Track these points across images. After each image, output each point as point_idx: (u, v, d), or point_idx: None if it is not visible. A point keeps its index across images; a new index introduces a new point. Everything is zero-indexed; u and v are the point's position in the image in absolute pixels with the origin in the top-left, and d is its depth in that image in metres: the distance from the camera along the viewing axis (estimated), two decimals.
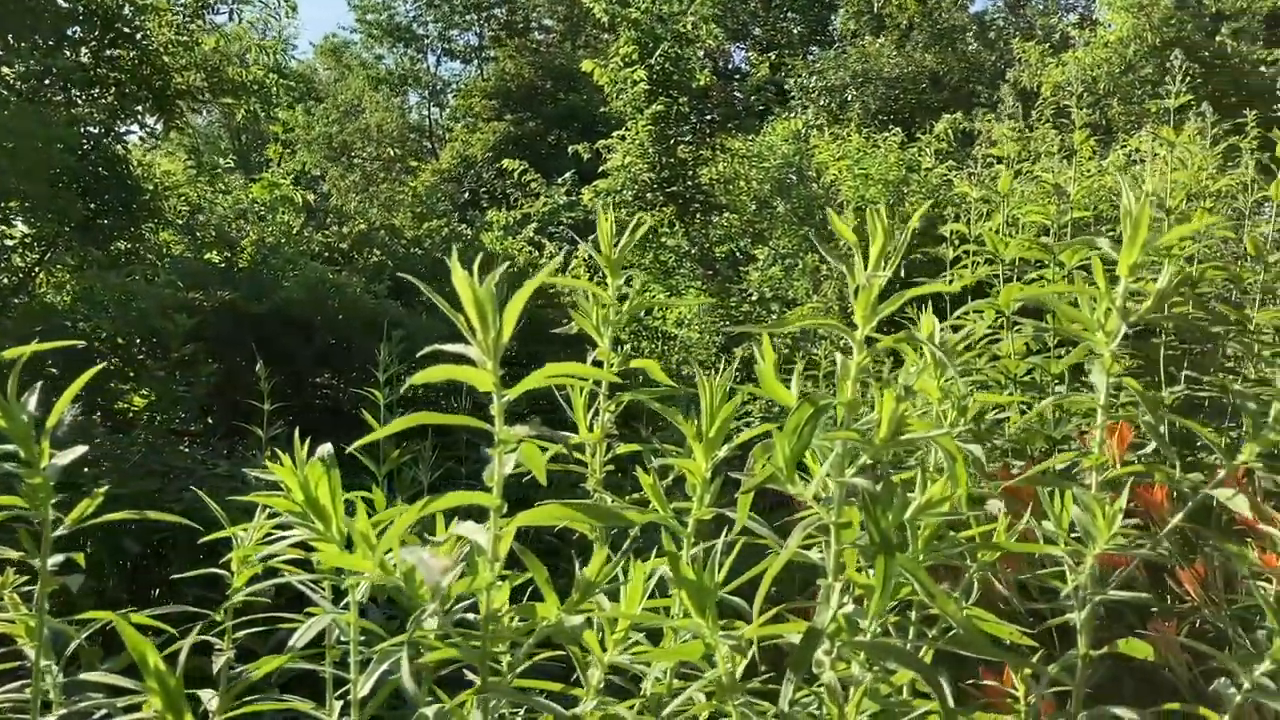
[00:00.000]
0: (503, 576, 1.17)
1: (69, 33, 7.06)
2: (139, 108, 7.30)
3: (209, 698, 1.56)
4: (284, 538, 1.18)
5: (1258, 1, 13.81)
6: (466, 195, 15.63)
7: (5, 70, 6.80)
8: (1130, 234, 1.12)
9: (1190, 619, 2.00)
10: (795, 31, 20.08)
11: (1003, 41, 15.89)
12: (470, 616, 1.24)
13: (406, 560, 1.05)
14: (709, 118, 10.02)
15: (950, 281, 4.04)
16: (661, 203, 9.12)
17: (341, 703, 1.37)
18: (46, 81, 6.91)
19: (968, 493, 1.47)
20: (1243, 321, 3.80)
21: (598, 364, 1.55)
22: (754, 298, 8.42)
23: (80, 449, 1.30)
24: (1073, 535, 1.50)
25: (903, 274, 6.94)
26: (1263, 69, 13.75)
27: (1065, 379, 3.27)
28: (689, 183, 9.17)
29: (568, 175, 9.98)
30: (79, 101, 7.11)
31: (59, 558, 1.39)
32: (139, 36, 7.09)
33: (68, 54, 6.97)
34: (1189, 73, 4.39)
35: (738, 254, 9.63)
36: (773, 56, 12.87)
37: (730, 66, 20.14)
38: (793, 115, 12.31)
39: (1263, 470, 3.73)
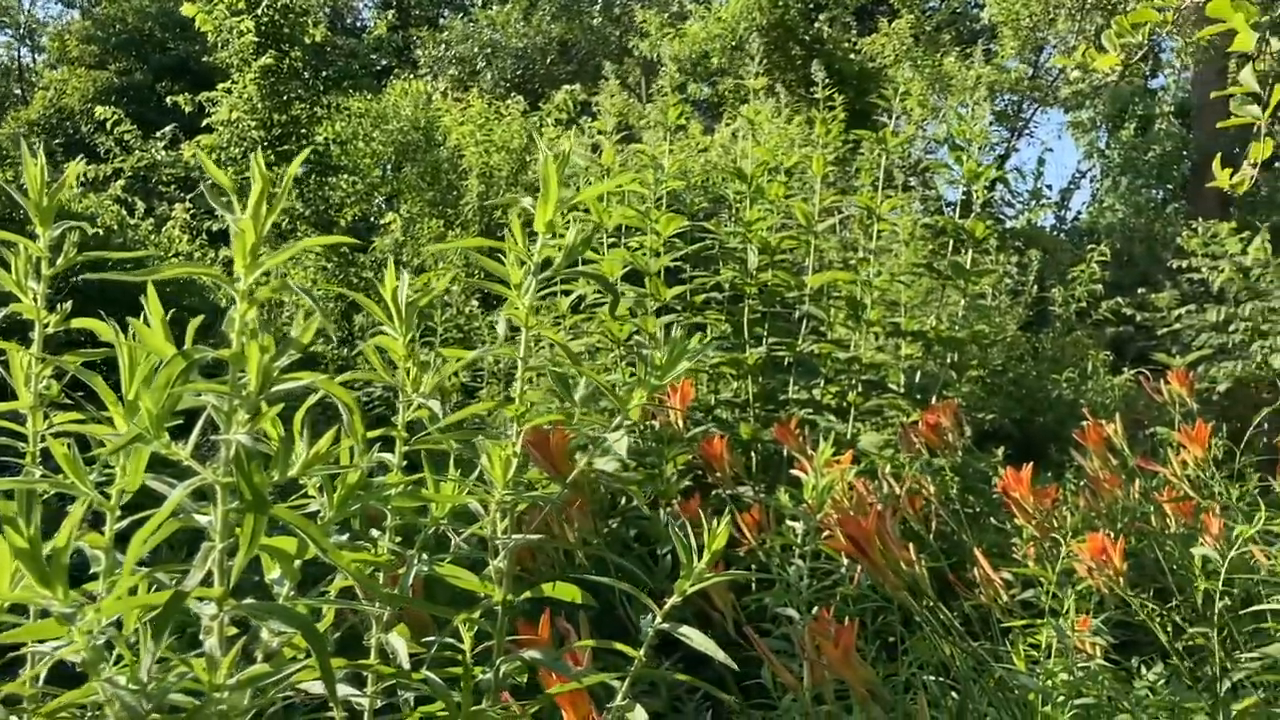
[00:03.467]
0: None
1: None
2: None
3: None
4: None
5: None
6: (40, 145, 14.06)
7: None
8: (544, 193, 1.15)
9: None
10: None
11: (627, 16, 16.45)
12: None
13: None
14: (325, 74, 9.59)
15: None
16: (274, 162, 8.65)
17: None
18: None
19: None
20: (800, 286, 4.17)
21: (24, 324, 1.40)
22: (381, 262, 8.23)
23: None
24: None
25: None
26: (853, 56, 15.15)
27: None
28: (304, 142, 8.76)
29: (168, 129, 9.23)
30: None
31: None
32: None
33: None
34: (792, 55, 4.74)
35: (371, 219, 9.40)
36: (392, 16, 12.56)
37: (358, 24, 19.48)
38: (419, 78, 12.09)
39: (813, 414, 4.07)
